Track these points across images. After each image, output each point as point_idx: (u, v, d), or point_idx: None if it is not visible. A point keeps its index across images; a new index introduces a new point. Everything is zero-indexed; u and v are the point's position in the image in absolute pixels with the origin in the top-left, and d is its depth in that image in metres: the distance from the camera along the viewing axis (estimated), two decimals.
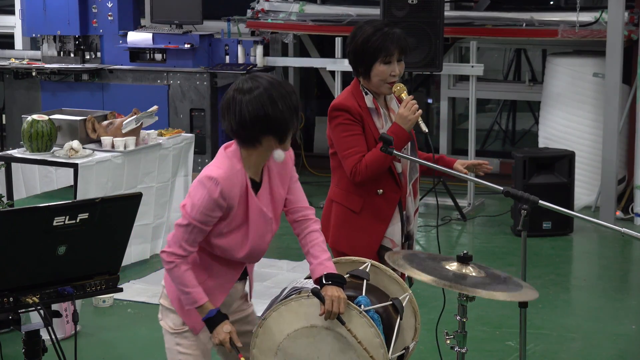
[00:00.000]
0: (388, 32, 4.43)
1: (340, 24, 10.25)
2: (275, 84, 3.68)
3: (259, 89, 3.64)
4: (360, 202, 4.48)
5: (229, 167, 3.68)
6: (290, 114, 3.68)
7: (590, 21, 9.43)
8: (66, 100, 10.10)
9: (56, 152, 7.25)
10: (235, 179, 3.68)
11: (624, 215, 9.19)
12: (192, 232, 3.67)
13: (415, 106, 4.39)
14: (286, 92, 3.68)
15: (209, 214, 3.65)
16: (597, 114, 9.36)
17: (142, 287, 7.24)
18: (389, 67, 4.42)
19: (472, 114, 9.55)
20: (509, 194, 3.93)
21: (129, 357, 6.17)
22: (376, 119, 4.47)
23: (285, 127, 3.68)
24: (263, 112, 3.62)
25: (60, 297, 3.77)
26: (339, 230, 4.53)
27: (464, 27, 9.89)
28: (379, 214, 4.48)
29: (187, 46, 10.18)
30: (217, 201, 3.63)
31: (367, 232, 4.48)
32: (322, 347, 3.72)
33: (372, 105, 4.47)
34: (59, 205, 3.64)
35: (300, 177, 4.02)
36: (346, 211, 4.51)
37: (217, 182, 3.63)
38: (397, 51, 4.42)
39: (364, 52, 4.42)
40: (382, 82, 4.44)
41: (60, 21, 10.48)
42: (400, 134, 4.37)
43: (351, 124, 4.42)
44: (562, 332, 6.46)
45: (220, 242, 3.74)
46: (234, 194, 3.66)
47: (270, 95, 3.64)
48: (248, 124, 3.62)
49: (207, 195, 3.63)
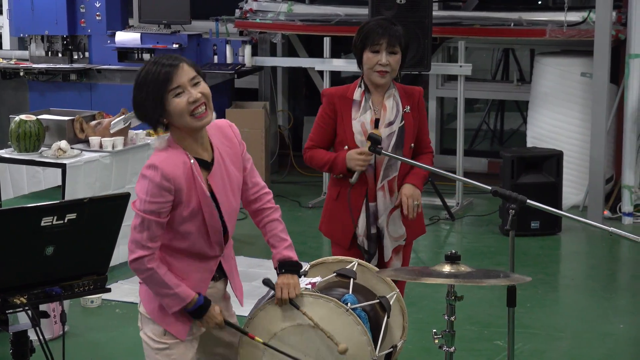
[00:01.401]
0: (382, 24, 4.66)
1: (328, 24, 10.25)
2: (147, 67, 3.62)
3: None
4: (337, 190, 4.75)
5: (164, 151, 3.62)
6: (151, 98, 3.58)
7: (578, 21, 9.45)
8: (54, 100, 10.08)
9: (44, 152, 7.24)
10: (175, 158, 3.61)
11: (611, 215, 9.21)
12: (150, 227, 3.61)
13: (360, 163, 4.59)
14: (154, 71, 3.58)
15: (158, 201, 3.57)
16: (585, 114, 9.38)
17: (130, 287, 7.23)
18: (375, 55, 4.61)
19: (460, 114, 9.56)
20: (497, 194, 3.94)
21: (117, 357, 6.16)
22: (355, 110, 4.68)
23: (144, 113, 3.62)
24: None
25: (48, 297, 3.75)
26: (324, 216, 4.85)
27: (452, 26, 9.90)
28: (351, 203, 4.68)
29: (175, 46, 10.16)
30: (161, 184, 3.56)
31: (342, 219, 4.72)
32: (309, 345, 3.73)
33: (358, 98, 4.69)
34: (47, 205, 3.63)
35: (289, 177, 4.05)
36: (329, 197, 4.84)
37: (155, 167, 3.57)
38: (386, 41, 4.60)
39: (357, 41, 4.68)
40: (370, 71, 4.64)
41: (48, 21, 10.46)
42: (340, 165, 4.65)
43: (322, 112, 4.75)
44: (551, 331, 6.47)
45: (188, 228, 3.66)
46: (177, 174, 3.58)
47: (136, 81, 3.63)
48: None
49: (150, 182, 3.57)
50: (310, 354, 3.72)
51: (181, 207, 3.63)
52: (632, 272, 8.08)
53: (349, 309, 3.71)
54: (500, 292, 3.86)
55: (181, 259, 3.73)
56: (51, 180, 7.91)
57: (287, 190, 10.02)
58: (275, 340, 3.75)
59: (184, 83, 3.57)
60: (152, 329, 3.81)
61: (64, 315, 3.82)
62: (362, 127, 4.63)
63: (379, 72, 4.61)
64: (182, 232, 3.68)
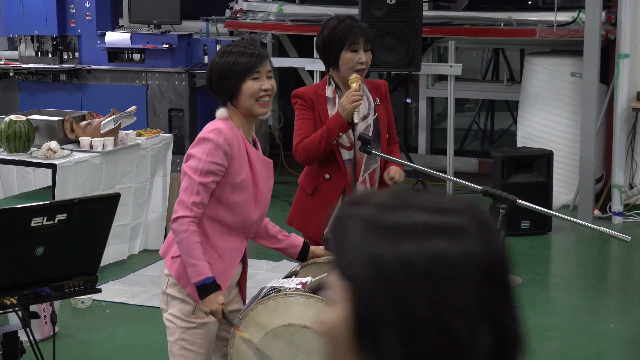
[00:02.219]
0: (352, 23, 4.70)
1: (318, 24, 10.22)
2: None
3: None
4: (313, 184, 4.76)
5: (223, 122, 3.87)
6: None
7: (568, 21, 9.46)
8: (44, 101, 10.06)
9: (34, 153, 7.23)
10: (232, 130, 3.85)
11: (601, 214, 9.23)
12: (199, 191, 3.75)
13: (354, 97, 4.57)
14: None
15: (216, 162, 3.76)
16: (575, 114, 9.40)
17: (120, 287, 7.23)
18: (355, 54, 4.65)
19: (450, 114, 9.58)
20: (488, 194, 3.95)
21: (108, 358, 6.15)
22: (330, 107, 4.69)
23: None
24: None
25: (38, 298, 3.76)
26: (294, 210, 4.87)
27: (442, 27, 9.91)
28: (326, 198, 4.69)
29: (165, 46, 10.15)
30: (223, 147, 3.77)
31: (317, 214, 4.70)
32: (299, 346, 3.73)
33: (330, 95, 4.71)
34: (37, 206, 3.63)
35: (279, 177, 4.09)
36: (302, 192, 4.84)
37: (219, 131, 3.80)
38: (363, 39, 4.65)
39: (331, 41, 4.67)
40: (350, 70, 4.66)
41: (38, 21, 10.44)
42: (337, 121, 4.58)
43: (302, 109, 4.70)
44: (541, 331, 6.48)
45: (236, 198, 3.83)
46: (234, 143, 3.81)
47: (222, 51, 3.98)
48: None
49: (213, 144, 3.78)
50: (301, 354, 3.73)
51: (231, 176, 3.81)
52: (622, 272, 8.10)
53: None
54: None
55: (221, 235, 3.86)
56: (41, 181, 7.89)
57: (277, 190, 9.92)
58: (265, 340, 3.75)
59: (263, 72, 3.90)
60: (181, 309, 3.88)
61: (55, 315, 3.82)
62: None
63: (358, 70, 4.65)
64: (230, 202, 3.83)
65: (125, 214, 7.65)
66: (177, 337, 3.88)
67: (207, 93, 4.06)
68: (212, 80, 3.94)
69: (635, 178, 9.33)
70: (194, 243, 3.73)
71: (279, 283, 3.91)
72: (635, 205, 9.29)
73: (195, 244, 3.73)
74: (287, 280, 3.93)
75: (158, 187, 8.09)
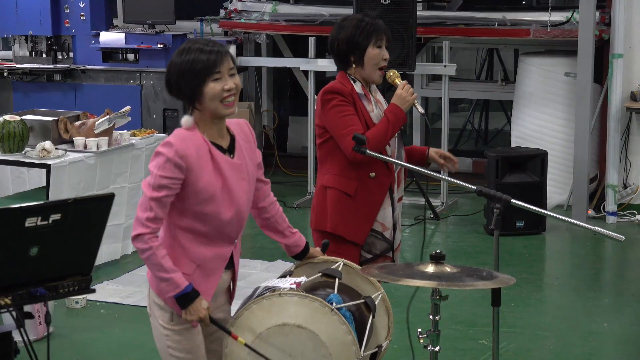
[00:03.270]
0: (373, 21, 4.64)
1: (313, 24, 10.25)
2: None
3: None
4: (355, 185, 4.58)
5: (179, 132, 3.75)
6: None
7: (562, 21, 9.48)
8: (38, 101, 10.05)
9: (28, 153, 7.22)
10: (190, 140, 3.72)
11: (595, 214, 9.24)
12: (152, 207, 3.66)
13: (411, 89, 4.60)
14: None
15: (169, 176, 3.65)
16: (569, 113, 9.41)
17: (115, 288, 7.22)
18: (380, 50, 4.59)
19: (444, 114, 9.58)
20: (482, 193, 3.95)
21: (103, 358, 6.14)
22: (366, 103, 4.61)
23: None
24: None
25: (32, 298, 3.74)
26: (336, 215, 4.61)
27: (436, 26, 9.92)
28: (371, 198, 4.59)
29: (159, 46, 10.15)
30: (174, 160, 3.65)
31: (362, 215, 4.59)
32: (294, 346, 3.72)
33: (361, 92, 4.61)
34: (31, 206, 3.62)
35: (274, 177, 4.08)
36: (342, 195, 4.60)
37: (170, 144, 3.68)
38: (386, 36, 4.62)
39: (355, 38, 4.57)
40: (374, 67, 4.59)
41: (32, 21, 10.43)
42: (399, 113, 4.56)
43: (345, 105, 4.55)
44: (535, 330, 6.49)
45: (204, 209, 3.73)
46: (190, 153, 3.67)
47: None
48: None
49: (164, 158, 3.66)
50: (295, 353, 3.73)
51: (191, 187, 3.70)
52: (616, 271, 8.11)
53: (334, 309, 3.72)
54: (485, 291, 3.86)
55: (199, 245, 3.78)
56: (36, 181, 7.89)
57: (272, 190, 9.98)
58: (259, 340, 3.75)
59: (224, 71, 3.73)
60: (161, 315, 3.82)
61: (49, 316, 3.81)
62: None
63: (381, 68, 4.60)
64: (198, 213, 3.74)
65: (119, 214, 7.65)
66: (163, 343, 3.86)
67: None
68: (170, 81, 3.77)
69: (629, 178, 9.34)
70: (162, 257, 3.66)
71: (273, 283, 3.91)
72: (629, 205, 9.30)
73: (163, 258, 3.66)
74: (282, 280, 3.92)
75: None
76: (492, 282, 3.70)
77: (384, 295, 4.03)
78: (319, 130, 4.65)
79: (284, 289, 3.80)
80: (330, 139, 4.60)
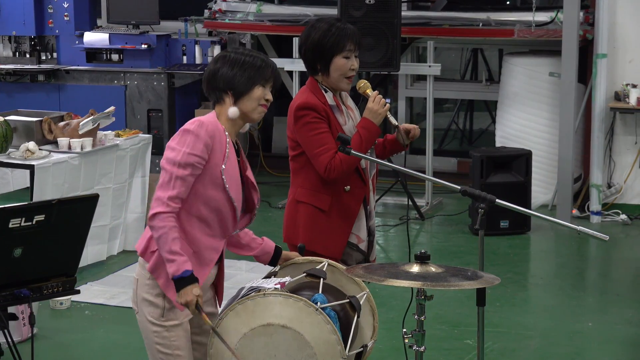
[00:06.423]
0: (343, 27, 4.48)
1: (297, 24, 10.24)
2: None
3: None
4: (329, 200, 4.47)
5: (210, 116, 3.85)
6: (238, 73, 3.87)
7: (546, 21, 9.50)
8: (22, 101, 10.02)
9: (12, 154, 7.19)
10: (216, 125, 3.81)
11: (580, 214, 9.26)
12: (176, 185, 3.70)
13: (383, 100, 4.49)
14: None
15: (196, 154, 3.71)
16: (553, 113, 9.44)
17: (99, 289, 7.20)
18: (348, 61, 4.46)
19: (429, 114, 9.59)
20: (467, 193, 3.95)
21: (87, 359, 6.13)
22: (338, 116, 4.49)
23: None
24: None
25: (16, 299, 3.74)
26: (310, 232, 4.48)
27: (421, 27, 9.92)
28: (346, 211, 4.50)
29: (144, 46, 10.13)
30: (204, 139, 3.73)
31: (337, 230, 4.48)
32: (278, 346, 3.72)
33: (333, 102, 4.49)
34: (15, 207, 3.61)
35: (259, 177, 4.07)
36: (314, 211, 4.49)
37: (201, 123, 3.76)
38: (354, 46, 4.48)
39: (322, 46, 4.44)
40: (341, 77, 4.47)
41: (16, 21, 10.40)
42: (372, 128, 4.45)
43: (319, 122, 4.42)
44: (520, 330, 6.50)
45: (214, 194, 3.79)
46: (217, 135, 3.77)
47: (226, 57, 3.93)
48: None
49: (193, 135, 3.73)
50: (280, 353, 3.72)
51: (211, 170, 3.77)
52: (600, 271, 8.13)
53: (318, 309, 3.71)
54: (470, 291, 3.87)
55: (199, 232, 3.82)
56: (20, 182, 7.85)
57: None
58: (244, 340, 3.74)
59: (269, 85, 3.94)
60: (151, 312, 3.82)
61: (33, 317, 3.80)
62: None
63: (348, 77, 4.48)
64: (208, 197, 3.79)
65: (104, 215, 7.63)
66: (151, 340, 3.85)
67: (185, 93, 4.01)
68: (222, 84, 3.87)
69: (613, 177, 9.37)
70: (173, 239, 3.68)
71: (257, 283, 3.91)
72: (614, 204, 9.33)
73: (174, 240, 3.68)
74: (266, 281, 3.92)
75: (137, 187, 8.07)
76: (477, 282, 3.70)
77: (368, 295, 4.03)
78: (291, 143, 4.54)
79: (268, 289, 3.80)
80: (303, 153, 4.49)
